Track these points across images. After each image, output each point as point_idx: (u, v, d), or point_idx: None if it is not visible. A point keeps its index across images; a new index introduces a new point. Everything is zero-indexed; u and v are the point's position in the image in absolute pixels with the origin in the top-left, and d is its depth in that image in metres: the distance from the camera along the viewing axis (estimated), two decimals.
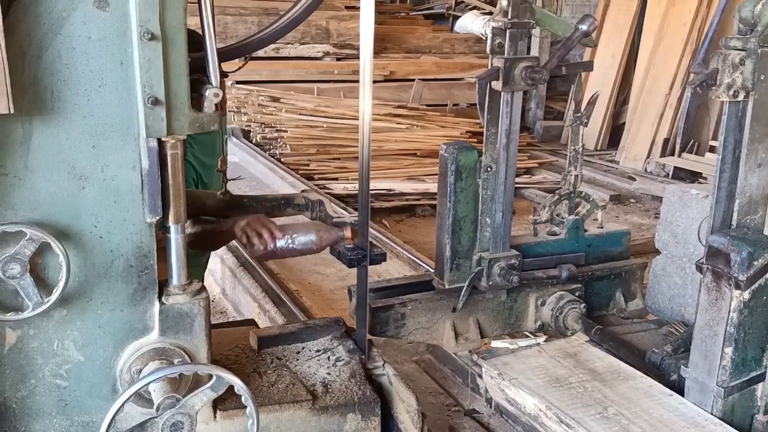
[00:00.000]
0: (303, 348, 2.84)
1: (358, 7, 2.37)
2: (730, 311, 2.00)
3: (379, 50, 12.03)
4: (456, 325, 3.20)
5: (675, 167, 10.36)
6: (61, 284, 2.06)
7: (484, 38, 3.06)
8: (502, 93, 2.98)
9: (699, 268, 2.16)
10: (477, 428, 2.65)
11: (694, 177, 10.47)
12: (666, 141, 11.00)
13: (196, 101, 2.16)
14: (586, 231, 3.40)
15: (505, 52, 2.95)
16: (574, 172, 3.31)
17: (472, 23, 3.30)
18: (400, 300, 3.15)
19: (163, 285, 2.27)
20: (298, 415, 2.51)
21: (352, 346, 2.84)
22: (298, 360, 2.77)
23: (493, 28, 2.95)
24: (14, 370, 2.16)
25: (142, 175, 2.11)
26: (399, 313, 3.09)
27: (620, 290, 3.51)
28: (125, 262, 2.18)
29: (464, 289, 3.09)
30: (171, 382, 2.14)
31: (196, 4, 2.21)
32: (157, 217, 2.15)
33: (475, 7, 14.12)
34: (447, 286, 3.15)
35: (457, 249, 3.10)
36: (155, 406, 2.07)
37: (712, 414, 2.10)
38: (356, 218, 2.82)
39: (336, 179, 9.29)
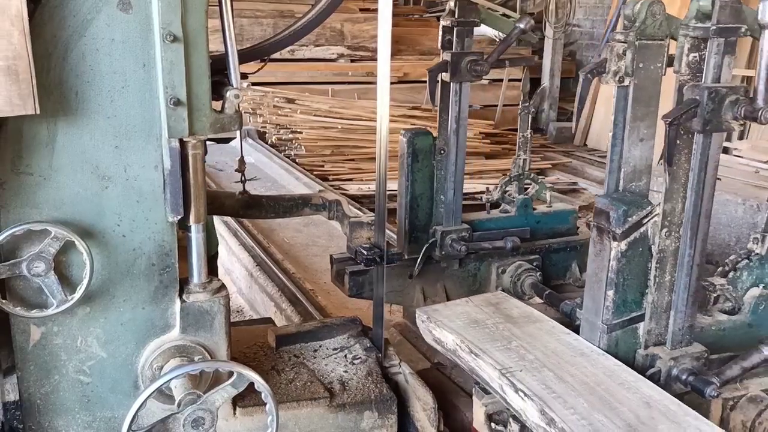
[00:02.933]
0: (320, 346, 2.87)
1: (372, 10, 2.41)
2: (610, 260, 2.33)
3: (393, 52, 11.91)
4: (425, 289, 3.46)
5: None
6: (85, 282, 2.10)
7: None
8: (451, 84, 3.30)
9: (588, 226, 2.52)
10: (440, 376, 3.13)
11: None
12: None
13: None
14: (535, 209, 3.69)
15: (453, 48, 3.29)
16: (523, 156, 3.62)
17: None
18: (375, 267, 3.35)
19: (183, 283, 2.31)
20: (316, 412, 2.54)
21: (368, 345, 2.87)
22: (315, 358, 2.80)
23: (443, 26, 3.29)
24: (38, 366, 2.21)
25: (164, 174, 2.15)
26: (374, 277, 3.24)
27: (576, 261, 3.75)
28: (147, 261, 2.22)
29: (419, 257, 3.36)
30: (192, 379, 2.18)
31: (215, 7, 2.24)
32: (179, 217, 2.18)
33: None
34: (406, 257, 3.40)
35: (415, 223, 3.38)
36: (177, 403, 2.11)
37: (598, 347, 2.43)
38: (372, 218, 2.85)
39: (350, 180, 9.31)
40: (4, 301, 2.07)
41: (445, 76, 3.30)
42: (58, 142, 2.05)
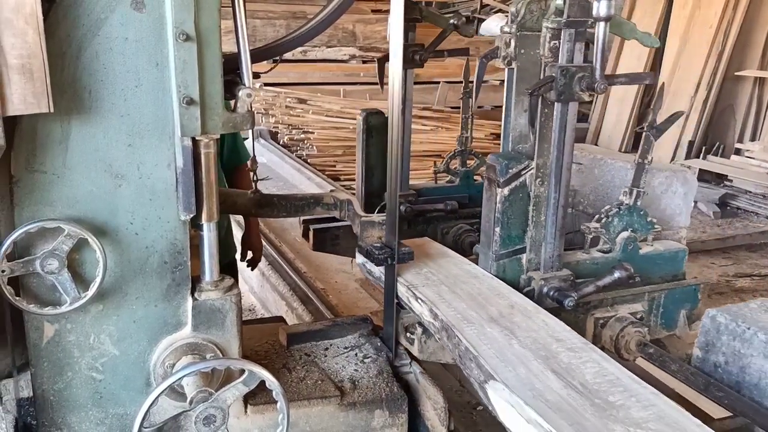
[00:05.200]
0: (331, 345, 2.88)
1: (385, 11, 2.43)
2: (496, 203, 2.90)
3: None
4: None
5: (700, 170, 10.28)
6: (98, 280, 2.12)
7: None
8: None
9: (480, 176, 3.10)
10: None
11: (719, 179, 10.40)
12: (691, 143, 10.94)
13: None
14: (476, 181, 4.21)
15: None
16: (465, 134, 4.20)
17: (497, 26, 3.53)
18: (335, 224, 3.86)
19: (195, 281, 2.32)
20: (327, 410, 2.55)
21: (379, 344, 2.88)
22: (326, 356, 2.80)
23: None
24: (52, 362, 2.22)
25: (177, 173, 2.16)
26: (334, 234, 3.89)
27: None
28: (160, 259, 2.23)
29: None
30: (204, 377, 2.18)
31: (228, 8, 2.25)
32: (191, 215, 2.19)
33: (499, 11, 14.08)
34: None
35: (370, 190, 3.90)
36: (188, 400, 2.11)
37: (490, 273, 2.99)
38: (383, 218, 2.85)
39: None
40: (18, 298, 2.08)
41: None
42: (71, 141, 2.06)
